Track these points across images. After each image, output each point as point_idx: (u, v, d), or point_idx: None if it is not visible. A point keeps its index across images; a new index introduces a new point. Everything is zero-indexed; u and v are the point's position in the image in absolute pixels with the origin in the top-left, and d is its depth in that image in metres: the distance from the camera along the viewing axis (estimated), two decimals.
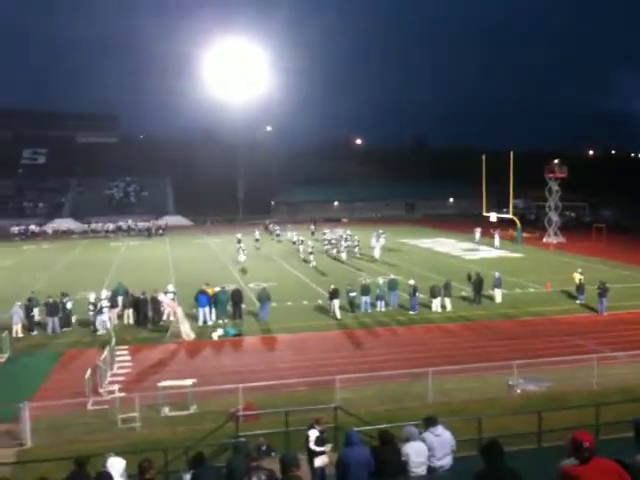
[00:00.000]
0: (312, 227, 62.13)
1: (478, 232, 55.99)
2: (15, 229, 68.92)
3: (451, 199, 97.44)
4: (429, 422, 9.61)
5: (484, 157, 55.75)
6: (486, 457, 6.85)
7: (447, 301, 28.51)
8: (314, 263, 41.57)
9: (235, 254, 44.58)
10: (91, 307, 25.86)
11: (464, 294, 30.88)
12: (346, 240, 48.96)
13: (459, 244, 54.66)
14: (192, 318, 26.25)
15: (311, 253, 43.04)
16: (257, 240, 53.23)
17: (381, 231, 51.36)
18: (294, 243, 51.67)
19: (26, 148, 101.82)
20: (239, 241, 48.99)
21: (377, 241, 48.05)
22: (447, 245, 54.01)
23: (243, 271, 39.97)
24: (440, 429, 9.52)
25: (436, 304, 28.17)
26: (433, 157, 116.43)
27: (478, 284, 29.74)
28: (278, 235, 60.32)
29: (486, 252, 48.96)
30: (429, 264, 41.90)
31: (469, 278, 30.41)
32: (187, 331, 24.39)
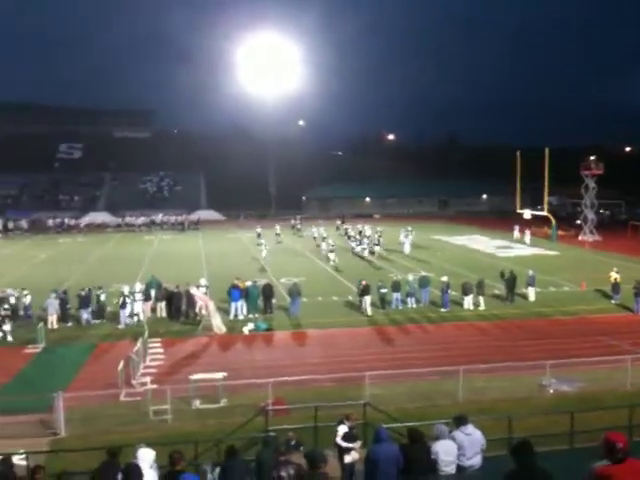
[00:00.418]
0: (338, 223, 62.04)
1: (517, 230, 54.92)
2: (51, 222, 70.16)
3: (484, 196, 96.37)
4: (459, 421, 9.54)
5: (519, 153, 55.01)
6: (517, 457, 6.77)
7: (480, 299, 28.19)
8: (335, 261, 40.23)
9: (257, 250, 43.86)
10: (121, 300, 26.25)
11: (497, 292, 30.54)
12: (368, 237, 48.14)
13: (493, 241, 54.04)
14: (224, 312, 26.46)
15: (332, 251, 41.42)
16: (278, 234, 53.83)
17: (410, 228, 50.89)
18: (314, 239, 52.07)
19: (62, 143, 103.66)
20: (259, 235, 49.09)
21: (406, 237, 47.76)
22: (480, 242, 53.46)
23: (262, 269, 38.18)
24: (470, 428, 9.44)
25: (468, 301, 27.91)
26: (467, 153, 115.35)
27: (511, 282, 29.38)
28: (299, 230, 60.43)
29: (520, 250, 48.32)
30: (462, 261, 41.53)
31: (502, 276, 30.06)
32: (218, 325, 24.59)
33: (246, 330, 24.67)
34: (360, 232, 50.99)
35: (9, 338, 23.79)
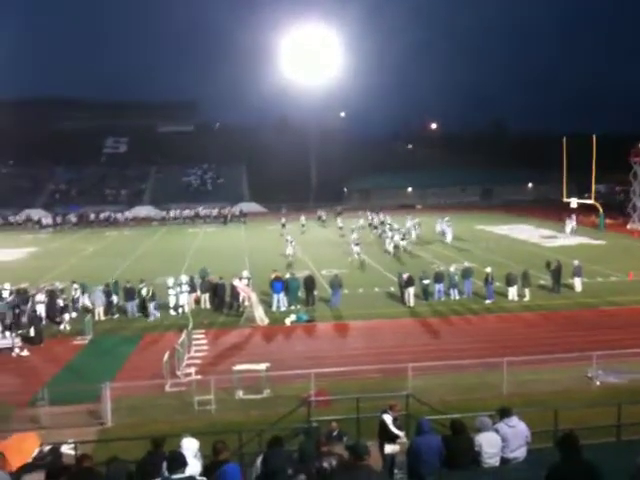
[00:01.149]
0: (369, 215, 61.72)
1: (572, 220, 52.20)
2: (100, 216, 71.60)
3: (530, 184, 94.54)
4: (504, 413, 9.44)
5: (564, 140, 53.79)
6: (562, 449, 6.68)
7: (526, 290, 27.74)
8: (358, 256, 37.80)
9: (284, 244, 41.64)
10: (171, 291, 26.77)
11: (542, 282, 30.01)
12: (391, 229, 46.21)
13: (538, 231, 53.05)
14: (266, 304, 26.68)
15: (357, 244, 39.67)
16: (303, 225, 54.74)
17: (446, 218, 50.33)
18: (340, 228, 52.55)
19: (108, 137, 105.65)
20: (283, 225, 48.83)
21: (448, 227, 47.35)
22: (525, 232, 52.51)
23: (289, 265, 36.04)
24: (515, 420, 9.34)
25: (512, 293, 27.51)
26: (511, 141, 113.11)
27: (557, 272, 28.84)
28: (324, 221, 60.42)
29: (566, 239, 47.35)
30: (506, 251, 40.92)
31: (548, 266, 29.53)
32: (261, 316, 24.81)
33: (288, 321, 24.84)
34: (383, 222, 50.69)
35: (67, 327, 24.68)
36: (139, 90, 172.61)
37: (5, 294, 26.05)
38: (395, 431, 11.31)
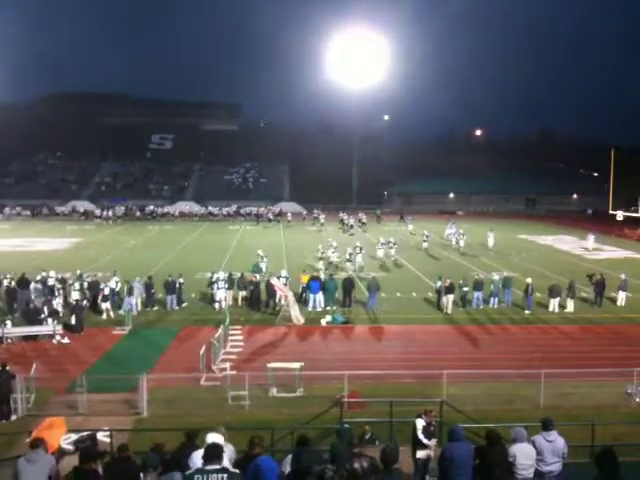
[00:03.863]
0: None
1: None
2: (143, 210, 72.77)
3: (575, 195, 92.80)
4: (544, 425, 9.31)
5: (613, 151, 52.65)
6: (600, 465, 6.55)
7: (570, 302, 27.20)
8: (360, 263, 35.80)
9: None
10: (221, 284, 27.15)
11: (584, 295, 29.42)
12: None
13: (581, 242, 51.95)
14: (302, 303, 26.76)
15: (391, 247, 39.24)
16: (351, 226, 57.00)
17: (454, 225, 50.44)
18: (352, 235, 53.28)
19: (155, 133, 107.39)
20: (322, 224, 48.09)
21: (452, 230, 48.44)
22: (569, 243, 51.56)
23: (328, 266, 35.03)
24: (554, 434, 9.23)
25: (554, 304, 27.01)
26: (558, 151, 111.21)
27: (600, 285, 28.22)
28: (345, 225, 60.24)
29: (611, 252, 46.30)
30: (547, 262, 40.20)
31: (590, 278, 28.93)
32: (297, 315, 24.88)
33: (324, 322, 24.85)
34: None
35: (111, 314, 25.46)
36: (187, 89, 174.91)
37: (50, 282, 26.68)
38: (422, 438, 11.20)
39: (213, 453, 6.76)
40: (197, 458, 7.44)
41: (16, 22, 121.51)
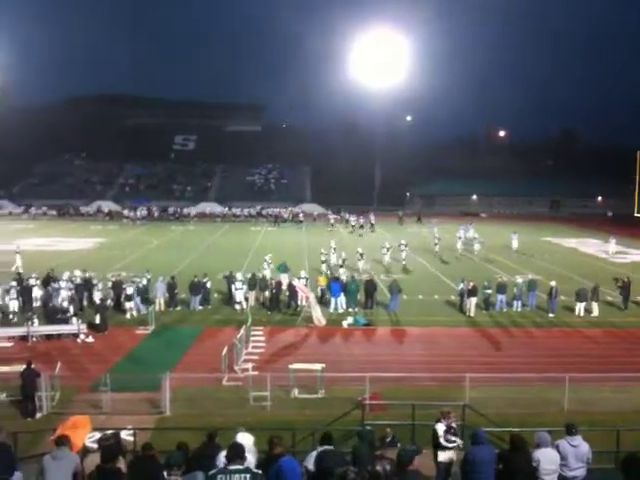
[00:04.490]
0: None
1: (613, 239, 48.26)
2: (168, 210, 73.34)
3: (599, 198, 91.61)
4: (568, 430, 9.22)
5: (638, 153, 51.90)
6: (626, 471, 6.46)
7: (594, 305, 26.85)
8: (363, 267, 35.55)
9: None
10: (238, 285, 27.25)
11: (609, 299, 29.05)
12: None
13: (605, 245, 51.27)
14: (324, 304, 26.76)
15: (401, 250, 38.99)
16: (353, 226, 57.97)
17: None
18: (360, 235, 54.49)
19: (178, 134, 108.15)
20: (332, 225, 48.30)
21: (469, 233, 48.25)
22: (594, 246, 50.92)
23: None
24: (578, 439, 9.13)
25: (580, 308, 26.65)
26: (583, 152, 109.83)
27: (626, 289, 27.85)
28: (353, 226, 59.98)
29: (636, 255, 45.64)
30: (572, 265, 39.77)
31: (616, 282, 28.55)
32: (318, 317, 24.88)
33: (345, 324, 24.82)
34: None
35: (134, 314, 25.69)
36: (209, 90, 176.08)
37: (76, 281, 27.00)
38: (445, 444, 11.13)
39: (236, 453, 6.79)
40: (223, 458, 7.48)
41: (39, 26, 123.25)
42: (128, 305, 25.80)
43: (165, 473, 8.41)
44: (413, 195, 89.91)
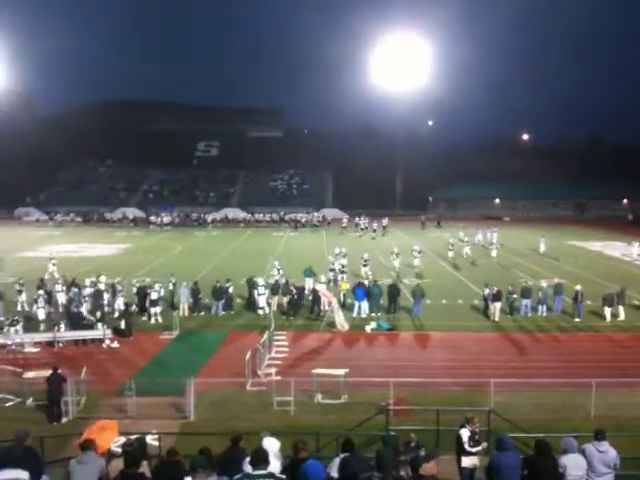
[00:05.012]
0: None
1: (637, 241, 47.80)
2: (193, 215, 73.82)
3: (625, 200, 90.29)
4: (596, 435, 9.11)
5: None
6: None
7: (621, 309, 26.46)
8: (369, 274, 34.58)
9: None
10: (260, 290, 27.35)
11: (636, 302, 28.62)
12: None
13: (631, 249, 50.50)
14: (348, 309, 26.73)
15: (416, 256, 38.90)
16: (362, 229, 59.05)
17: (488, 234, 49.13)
18: (373, 239, 54.76)
19: (200, 141, 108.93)
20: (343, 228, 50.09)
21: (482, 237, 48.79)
22: (619, 249, 50.19)
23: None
24: (605, 445, 9.02)
25: (608, 312, 26.24)
26: (609, 155, 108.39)
27: None
28: (362, 229, 59.71)
29: None
30: (597, 269, 39.26)
31: None
32: (341, 321, 24.84)
33: (368, 329, 24.77)
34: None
35: (159, 319, 25.85)
36: (231, 95, 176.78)
37: (101, 287, 27.29)
38: (470, 449, 11.06)
39: (259, 458, 6.81)
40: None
41: (63, 33, 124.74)
42: (153, 310, 26.01)
43: (190, 478, 8.46)
44: (436, 199, 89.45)
